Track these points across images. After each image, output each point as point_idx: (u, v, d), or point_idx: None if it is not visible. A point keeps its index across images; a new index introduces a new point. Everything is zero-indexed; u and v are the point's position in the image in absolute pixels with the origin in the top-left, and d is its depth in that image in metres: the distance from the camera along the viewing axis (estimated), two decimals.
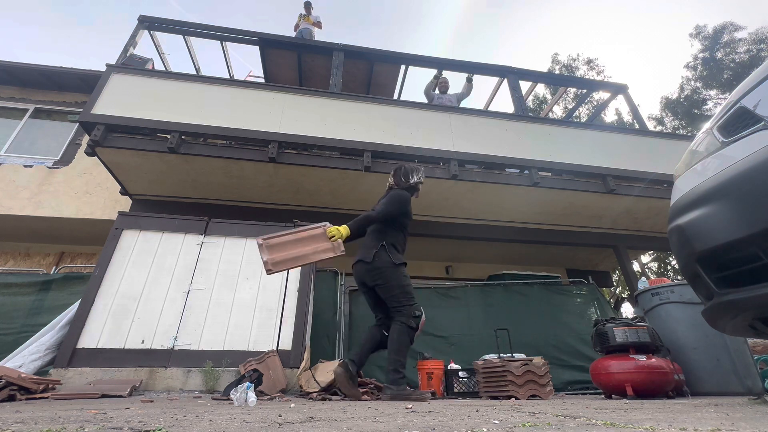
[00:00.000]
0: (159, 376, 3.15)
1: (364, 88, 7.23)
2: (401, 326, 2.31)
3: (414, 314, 2.35)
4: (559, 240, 6.04)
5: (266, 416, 1.25)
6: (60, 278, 4.03)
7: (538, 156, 5.20)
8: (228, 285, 3.65)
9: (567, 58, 19.26)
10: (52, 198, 5.48)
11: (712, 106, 16.18)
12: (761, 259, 1.22)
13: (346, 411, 1.47)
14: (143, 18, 5.58)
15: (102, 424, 1.03)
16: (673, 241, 1.60)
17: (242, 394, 1.87)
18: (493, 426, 0.99)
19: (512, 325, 4.17)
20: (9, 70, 6.14)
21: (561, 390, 4.18)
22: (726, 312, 1.41)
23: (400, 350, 2.27)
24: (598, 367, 2.88)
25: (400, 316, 2.34)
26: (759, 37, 15.36)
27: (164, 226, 3.88)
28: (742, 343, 3.23)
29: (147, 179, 4.87)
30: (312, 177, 4.82)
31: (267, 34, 6.07)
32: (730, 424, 1.03)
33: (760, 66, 1.44)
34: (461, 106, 5.93)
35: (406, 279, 2.45)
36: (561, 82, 8.63)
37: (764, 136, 1.26)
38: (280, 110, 4.88)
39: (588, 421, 1.10)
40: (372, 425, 1.02)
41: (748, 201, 1.24)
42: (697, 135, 1.67)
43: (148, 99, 4.67)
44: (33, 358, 3.08)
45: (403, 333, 2.30)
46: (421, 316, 2.38)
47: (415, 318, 2.34)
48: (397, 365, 2.23)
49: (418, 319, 2.36)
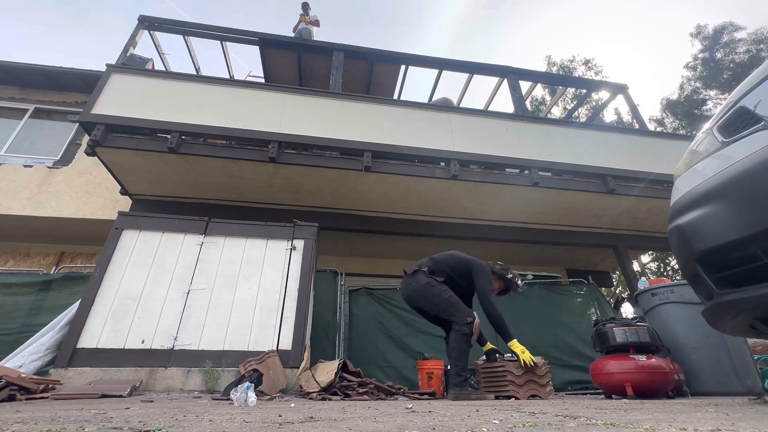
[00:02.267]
0: (159, 376, 3.15)
1: (364, 88, 7.23)
2: (457, 334, 2.54)
3: (466, 321, 2.54)
4: (559, 240, 6.04)
5: (266, 416, 1.25)
6: (60, 278, 4.03)
7: (538, 156, 5.20)
8: (228, 285, 3.65)
9: (561, 60, 19.26)
10: (52, 198, 5.48)
11: (712, 106, 16.19)
12: (761, 259, 1.22)
13: (346, 411, 1.47)
14: (143, 18, 5.58)
15: (102, 424, 1.03)
16: (673, 241, 1.60)
17: (242, 394, 1.88)
18: (493, 426, 0.99)
19: (512, 325, 4.14)
20: (9, 70, 6.14)
21: (561, 390, 4.18)
22: (726, 312, 1.41)
23: (459, 357, 2.50)
24: (598, 367, 2.88)
25: (454, 326, 2.58)
26: (759, 37, 15.36)
27: (164, 226, 3.87)
28: (742, 343, 3.23)
29: (147, 179, 4.87)
30: (312, 177, 4.82)
31: (267, 34, 6.07)
32: (730, 424, 1.03)
33: (760, 66, 1.44)
34: (461, 106, 5.93)
35: (446, 292, 2.69)
36: (561, 82, 8.63)
37: (764, 136, 1.26)
38: (280, 110, 4.88)
39: (588, 421, 1.10)
40: (372, 425, 1.02)
41: (748, 201, 1.24)
42: (697, 135, 1.67)
43: (148, 99, 4.67)
44: (33, 358, 3.08)
45: (459, 340, 2.53)
46: (473, 322, 2.57)
47: (467, 324, 2.54)
48: (458, 369, 2.46)
49: (471, 325, 2.55)
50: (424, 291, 2.74)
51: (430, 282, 2.75)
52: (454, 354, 2.52)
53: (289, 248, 3.93)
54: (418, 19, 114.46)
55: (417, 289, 2.78)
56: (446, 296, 2.67)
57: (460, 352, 2.51)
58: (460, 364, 2.48)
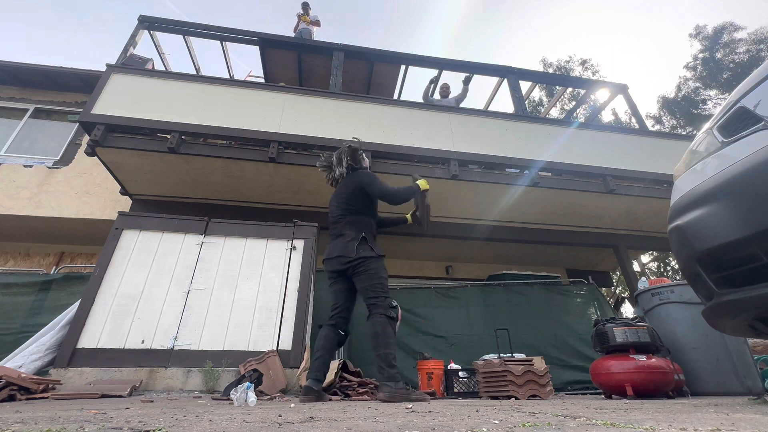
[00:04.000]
0: (159, 376, 3.15)
1: (364, 88, 7.23)
2: (382, 318, 2.22)
3: (391, 305, 2.28)
4: (559, 240, 6.04)
5: (266, 416, 1.25)
6: (60, 278, 4.03)
7: (538, 156, 5.19)
8: (228, 285, 3.65)
9: (557, 60, 19.26)
10: (52, 198, 5.48)
11: (711, 106, 16.19)
12: (761, 259, 1.22)
13: (346, 411, 1.47)
14: (143, 18, 5.58)
15: (102, 424, 1.03)
16: (673, 241, 1.60)
17: (242, 394, 1.87)
18: (493, 426, 0.99)
19: (512, 325, 4.18)
20: (9, 70, 6.14)
21: (561, 390, 4.18)
22: (726, 312, 1.41)
23: (387, 343, 2.16)
24: (598, 367, 2.88)
25: (377, 309, 2.26)
26: (758, 37, 15.35)
27: (164, 226, 3.87)
28: (742, 343, 3.23)
29: (147, 179, 4.87)
30: (312, 177, 4.81)
31: (267, 34, 6.07)
32: (730, 424, 1.03)
33: (760, 66, 1.44)
34: (461, 107, 5.93)
35: (385, 272, 2.40)
36: (561, 82, 8.62)
37: (764, 136, 1.26)
38: (280, 110, 4.88)
39: (588, 421, 1.10)
40: (372, 425, 1.02)
41: (749, 201, 1.24)
42: (697, 135, 1.67)
43: (148, 99, 4.67)
44: (33, 358, 3.08)
45: (386, 324, 2.21)
46: (397, 308, 2.32)
47: (393, 308, 2.28)
48: (390, 358, 2.13)
49: (396, 310, 2.30)
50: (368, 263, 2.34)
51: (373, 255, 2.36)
52: (383, 341, 2.15)
53: (289, 248, 3.94)
54: (418, 19, 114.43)
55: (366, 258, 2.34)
56: (382, 275, 2.35)
57: (390, 338, 2.18)
58: (390, 353, 2.14)
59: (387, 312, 2.24)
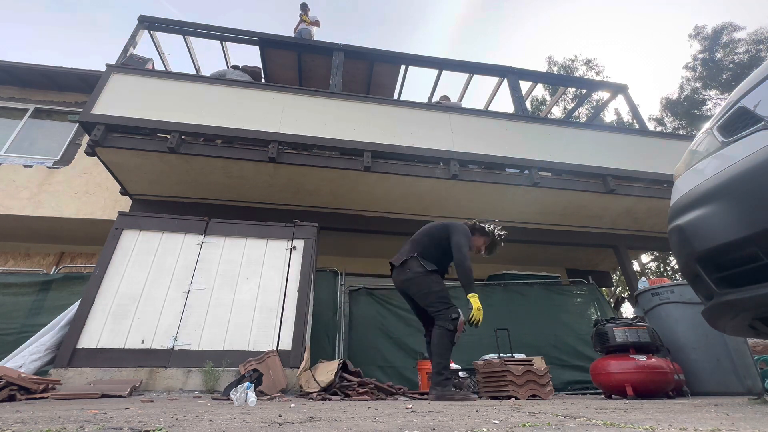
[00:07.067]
0: (159, 376, 3.14)
1: (364, 88, 7.22)
2: (441, 330, 2.46)
3: (451, 317, 2.47)
4: (559, 240, 6.04)
5: (266, 416, 1.25)
6: (60, 278, 4.03)
7: (538, 156, 5.19)
8: (228, 285, 3.65)
9: (563, 59, 19.25)
10: (52, 198, 5.48)
11: (711, 106, 16.19)
12: (761, 259, 1.22)
13: (346, 411, 1.47)
14: (143, 18, 5.58)
15: (102, 424, 1.03)
16: (673, 241, 1.60)
17: (242, 394, 1.88)
18: (493, 426, 0.99)
19: (512, 325, 4.18)
20: (9, 70, 6.14)
21: (561, 390, 4.18)
22: (726, 312, 1.41)
23: (441, 353, 2.41)
24: (598, 367, 2.88)
25: (438, 321, 2.50)
26: (758, 37, 15.35)
27: (164, 226, 3.87)
28: (742, 343, 3.23)
29: (147, 179, 4.86)
30: (312, 177, 4.81)
31: (267, 34, 6.07)
32: (730, 424, 1.03)
33: (760, 66, 1.44)
34: (462, 107, 5.93)
35: (439, 285, 2.62)
36: (561, 81, 8.62)
37: (764, 136, 1.26)
38: (280, 110, 4.88)
39: (588, 421, 1.10)
40: (372, 425, 1.02)
41: (748, 201, 1.24)
42: (697, 135, 1.67)
43: (148, 99, 4.67)
44: (33, 358, 3.08)
45: (442, 336, 2.44)
46: (458, 319, 2.50)
47: (452, 321, 2.47)
48: (440, 368, 2.37)
49: (456, 322, 2.48)
50: (417, 279, 2.63)
51: (423, 270, 2.63)
52: (437, 351, 2.43)
53: (289, 248, 3.93)
54: (417, 20, 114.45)
55: (411, 278, 2.65)
56: (436, 289, 2.59)
57: (444, 349, 2.43)
58: (442, 362, 2.40)
59: (446, 325, 2.46)
